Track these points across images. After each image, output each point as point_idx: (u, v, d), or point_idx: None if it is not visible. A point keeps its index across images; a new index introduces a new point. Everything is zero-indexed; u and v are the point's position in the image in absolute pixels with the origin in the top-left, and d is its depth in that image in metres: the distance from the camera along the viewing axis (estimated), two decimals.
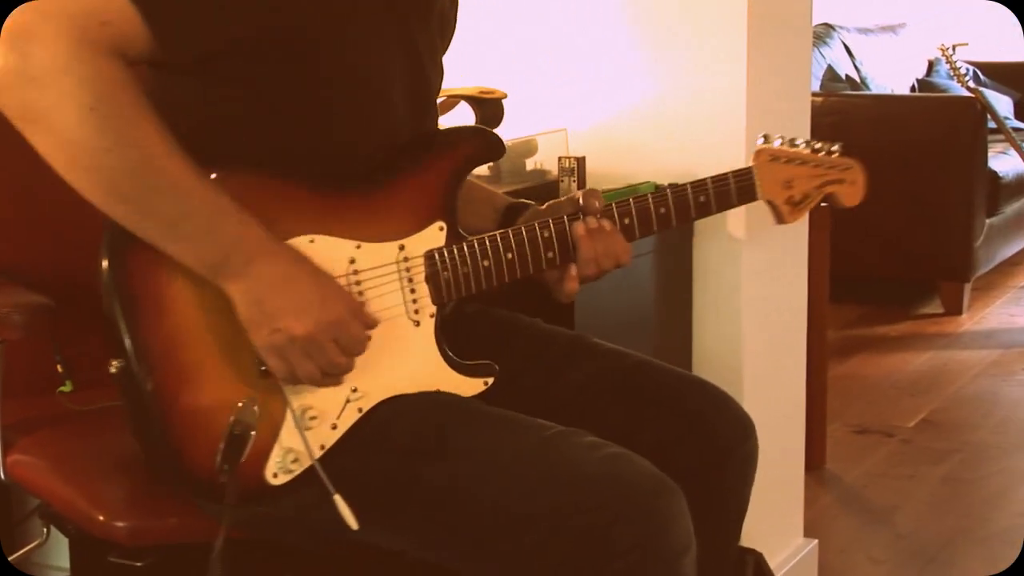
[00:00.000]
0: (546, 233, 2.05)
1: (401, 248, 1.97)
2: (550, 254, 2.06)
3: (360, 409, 1.93)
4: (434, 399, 1.98)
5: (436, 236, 1.99)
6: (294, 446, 1.89)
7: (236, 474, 1.84)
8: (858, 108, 6.16)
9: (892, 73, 7.21)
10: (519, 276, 2.05)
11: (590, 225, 2.06)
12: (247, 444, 1.84)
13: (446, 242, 2.00)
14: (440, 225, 2.00)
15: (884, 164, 5.93)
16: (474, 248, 2.01)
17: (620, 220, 2.10)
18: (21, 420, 2.27)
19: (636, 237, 2.12)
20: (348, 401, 1.92)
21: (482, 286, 2.02)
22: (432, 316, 1.99)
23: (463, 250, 2.00)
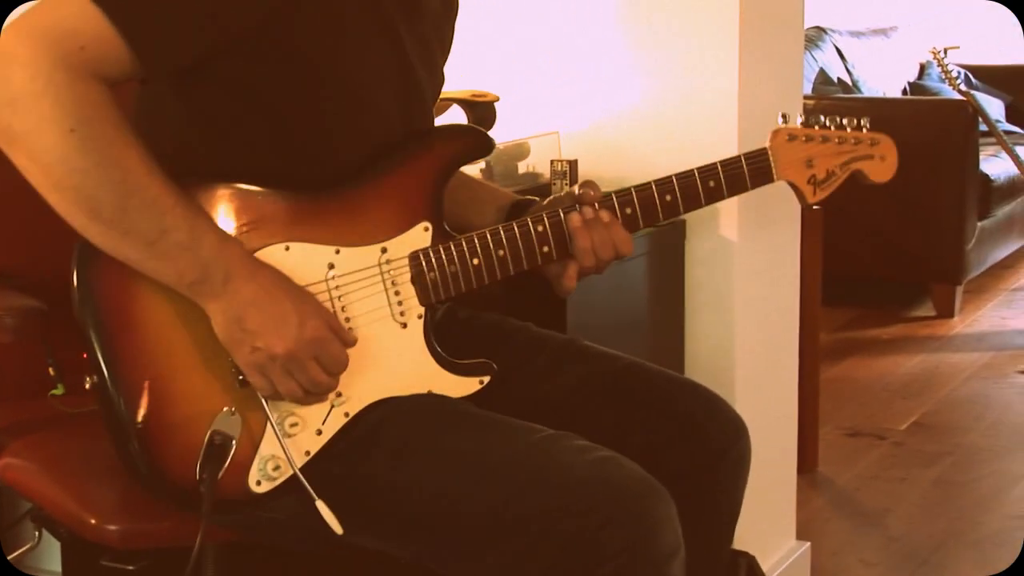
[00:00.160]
0: (540, 227, 2.03)
1: (383, 251, 1.96)
2: (545, 249, 2.04)
3: (347, 414, 1.92)
4: (423, 402, 1.98)
5: (421, 237, 1.98)
6: (276, 453, 1.89)
7: (215, 484, 1.84)
8: (850, 111, 6.05)
9: (884, 76, 7.22)
10: (513, 273, 2.03)
11: (586, 215, 2.04)
12: (228, 454, 1.85)
13: (432, 242, 1.99)
14: (425, 225, 1.99)
15: None
16: (462, 247, 2.00)
17: (621, 210, 2.07)
18: (12, 423, 2.27)
19: (640, 227, 2.09)
20: (333, 406, 1.92)
21: (473, 285, 2.01)
22: (420, 317, 1.98)
23: (450, 250, 1.99)
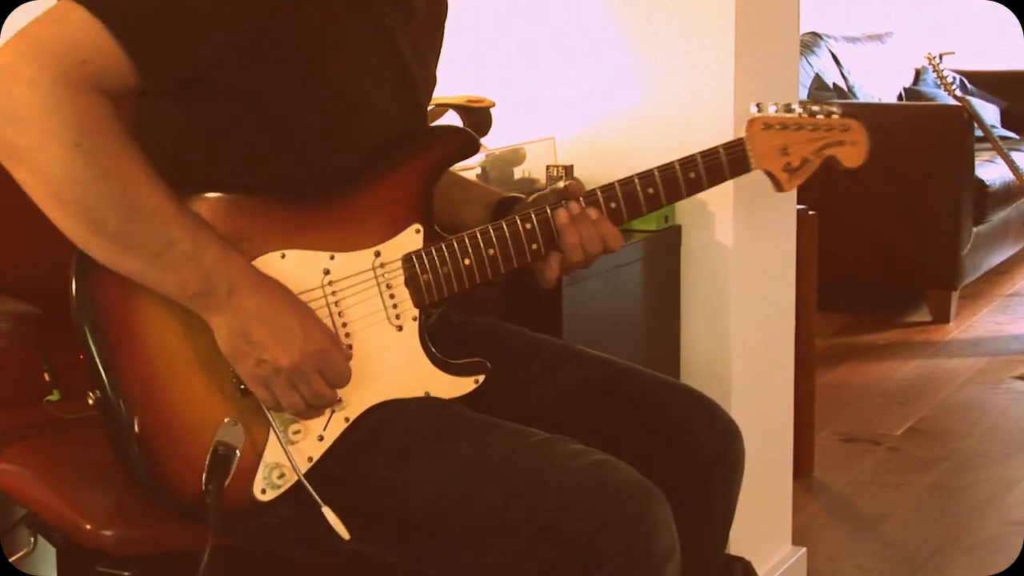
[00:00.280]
0: (528, 225, 2.05)
1: (377, 254, 1.97)
2: (534, 246, 2.05)
3: (347, 419, 1.93)
4: (422, 406, 1.98)
5: (413, 239, 1.99)
6: (280, 461, 1.89)
7: (221, 495, 1.84)
8: None
9: (879, 82, 7.22)
10: (503, 271, 2.04)
11: (572, 211, 2.05)
12: (232, 464, 1.85)
13: (424, 244, 1.99)
14: (416, 228, 1.99)
15: (871, 172, 5.90)
16: (453, 248, 2.01)
17: (606, 204, 2.08)
18: (7, 429, 2.26)
19: (624, 220, 2.11)
20: (333, 412, 1.92)
21: (465, 285, 2.02)
22: (415, 319, 1.99)
23: (442, 251, 2.00)
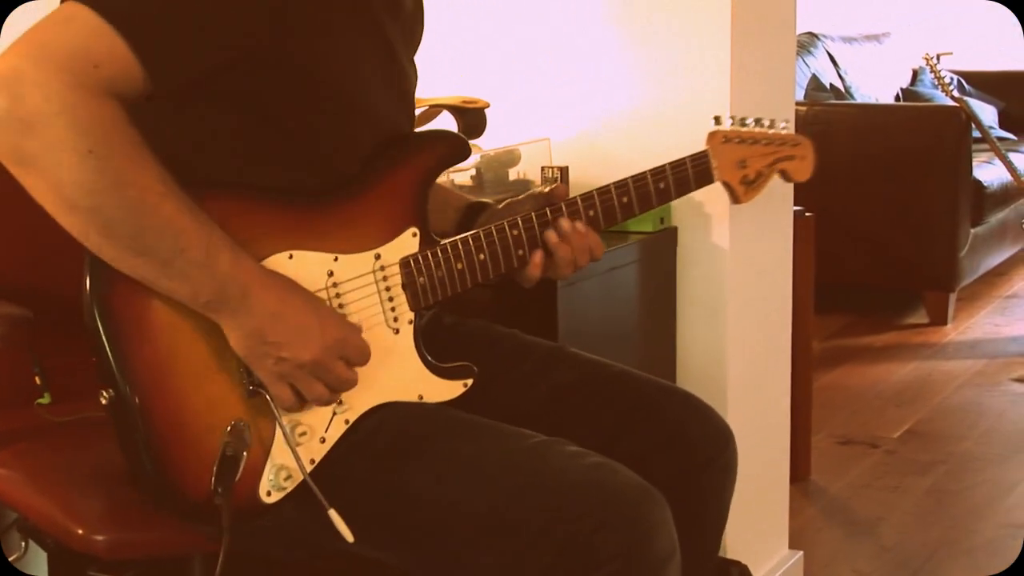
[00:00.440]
0: (515, 232, 2.08)
1: (377, 257, 1.97)
2: (520, 252, 2.09)
3: (347, 421, 1.93)
4: (419, 409, 1.99)
5: (410, 243, 2.00)
6: (286, 463, 1.89)
7: (231, 496, 1.83)
8: (843, 117, 6.15)
9: (876, 82, 7.22)
10: (492, 276, 2.07)
11: (562, 228, 2.09)
12: (240, 465, 1.84)
13: (419, 248, 2.01)
14: (413, 231, 2.00)
15: (868, 173, 6.02)
16: (447, 251, 2.03)
17: (585, 213, 2.12)
18: None
19: (602, 228, 2.15)
20: (335, 414, 1.92)
21: (457, 289, 2.04)
22: (410, 323, 2.01)
23: (436, 254, 2.02)
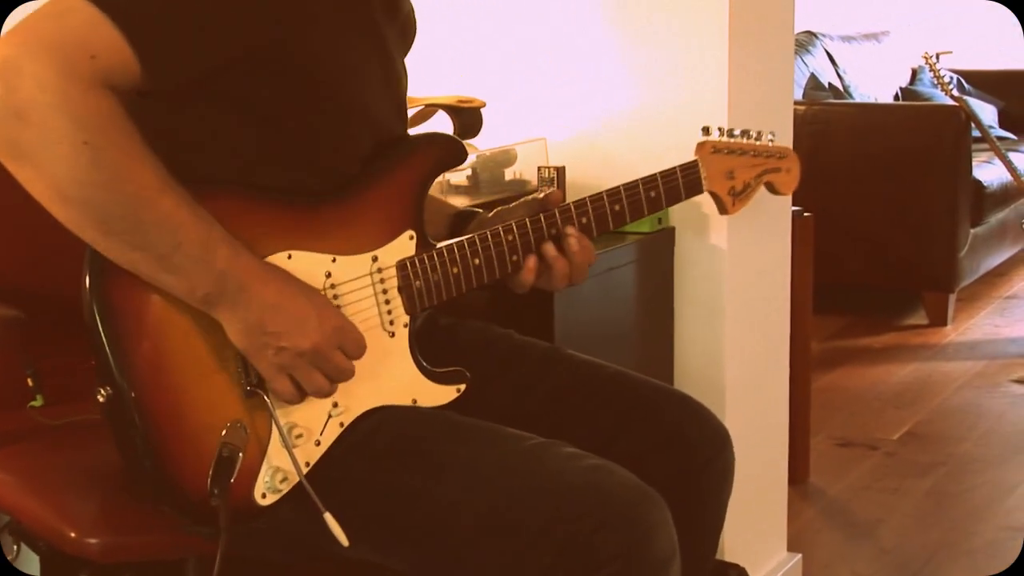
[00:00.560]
0: (510, 237, 2.07)
1: (374, 259, 1.97)
2: (514, 257, 2.08)
3: (342, 423, 1.93)
4: (415, 411, 1.99)
5: (407, 246, 2.00)
6: (281, 465, 1.89)
7: (228, 495, 1.83)
8: (841, 117, 6.15)
9: (875, 81, 7.21)
10: (486, 281, 2.06)
11: (569, 245, 2.09)
12: (236, 466, 1.84)
13: (416, 251, 2.00)
14: (410, 234, 2.00)
15: (867, 173, 6.01)
16: (443, 255, 2.02)
17: (578, 219, 2.12)
18: None
19: (594, 235, 2.15)
20: (330, 416, 1.92)
21: (452, 293, 2.03)
22: (406, 326, 2.00)
23: (432, 258, 2.01)
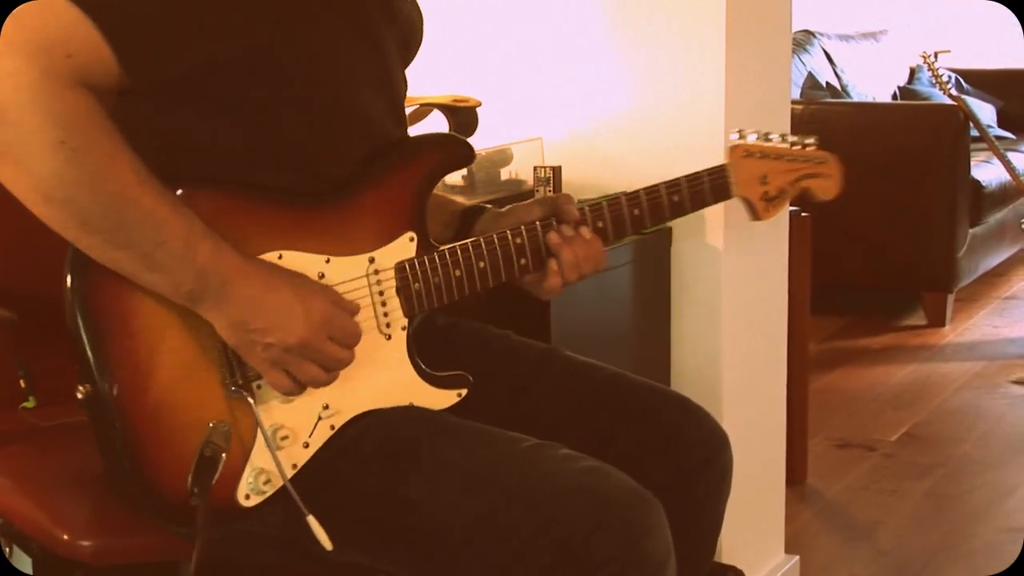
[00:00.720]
0: (518, 240, 2.04)
1: (371, 260, 1.95)
2: (523, 261, 2.05)
3: (332, 426, 1.92)
4: (407, 413, 1.97)
5: (406, 247, 1.98)
6: (266, 467, 1.88)
7: (207, 496, 1.82)
8: (839, 116, 6.14)
9: (873, 80, 7.21)
10: (491, 285, 2.04)
11: (565, 233, 2.06)
12: (218, 466, 1.83)
13: (416, 253, 1.98)
14: (411, 236, 1.98)
15: (865, 173, 6.00)
16: (445, 258, 2.00)
17: (593, 224, 2.09)
18: None
19: (611, 241, 2.12)
20: (320, 419, 1.91)
21: (454, 296, 2.01)
22: (404, 329, 1.99)
23: (434, 260, 1.99)
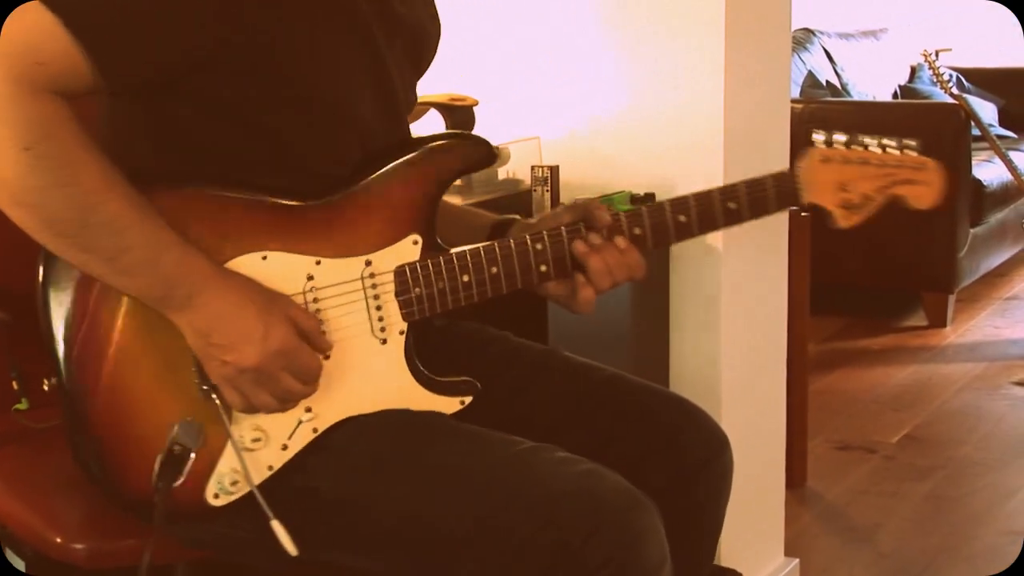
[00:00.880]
0: (539, 246, 1.98)
1: (367, 263, 1.92)
2: (543, 268, 1.99)
3: (315, 429, 1.91)
4: (398, 416, 1.95)
5: (409, 250, 1.94)
6: (236, 467, 1.87)
7: (170, 493, 1.83)
8: (839, 115, 6.14)
9: (874, 79, 7.21)
10: (506, 291, 1.98)
11: (593, 241, 1.98)
12: (186, 463, 1.84)
13: (420, 256, 1.95)
14: (414, 239, 1.94)
15: None
16: (452, 262, 1.95)
17: (630, 231, 2.00)
18: None
19: (650, 249, 2.03)
20: (301, 422, 1.90)
21: (460, 302, 1.97)
22: (402, 333, 1.96)
23: (438, 265, 1.95)
